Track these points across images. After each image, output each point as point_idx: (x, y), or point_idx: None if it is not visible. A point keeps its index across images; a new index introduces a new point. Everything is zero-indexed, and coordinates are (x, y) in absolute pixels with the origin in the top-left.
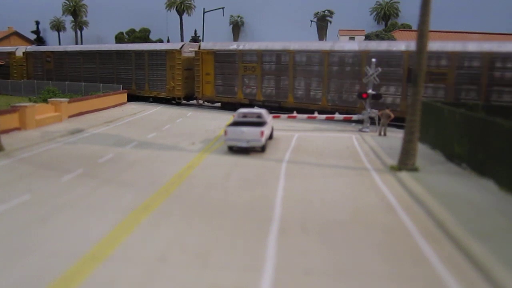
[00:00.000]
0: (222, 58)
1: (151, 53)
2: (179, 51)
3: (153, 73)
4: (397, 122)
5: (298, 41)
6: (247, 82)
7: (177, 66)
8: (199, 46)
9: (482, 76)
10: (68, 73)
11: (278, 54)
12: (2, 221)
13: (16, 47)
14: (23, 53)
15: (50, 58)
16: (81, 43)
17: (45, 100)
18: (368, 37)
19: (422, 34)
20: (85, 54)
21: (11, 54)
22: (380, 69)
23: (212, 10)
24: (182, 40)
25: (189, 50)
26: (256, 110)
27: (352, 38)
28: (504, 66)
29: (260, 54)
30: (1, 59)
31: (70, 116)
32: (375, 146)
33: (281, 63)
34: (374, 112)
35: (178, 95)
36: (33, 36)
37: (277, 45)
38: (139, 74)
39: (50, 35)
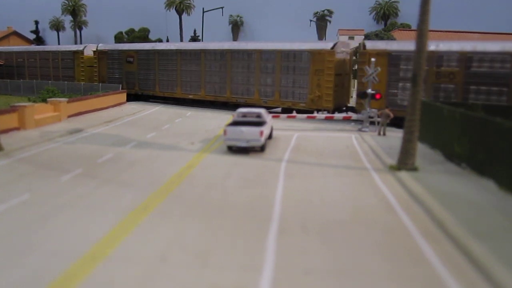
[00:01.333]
0: (398, 61)
1: (286, 53)
2: (331, 52)
3: (288, 78)
4: None
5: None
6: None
7: (326, 70)
8: (363, 45)
9: None
10: (158, 76)
11: None
12: (2, 221)
13: (85, 45)
14: (95, 51)
15: (132, 58)
16: (81, 43)
17: (44, 100)
18: (367, 37)
19: (421, 34)
20: (187, 53)
21: (77, 53)
22: (379, 69)
23: (211, 10)
24: (181, 40)
25: (342, 50)
26: (255, 109)
27: (351, 38)
28: None
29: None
30: (68, 58)
31: (69, 116)
32: (375, 146)
33: None
34: (374, 112)
35: (326, 107)
36: (32, 36)
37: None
38: (264, 78)
39: (50, 35)
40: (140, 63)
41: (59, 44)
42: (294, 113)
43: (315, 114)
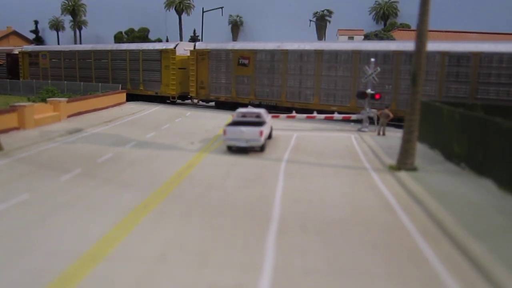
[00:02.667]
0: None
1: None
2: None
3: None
4: None
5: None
6: None
7: None
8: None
9: None
10: (286, 82)
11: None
12: (2, 221)
13: (176, 42)
14: (192, 51)
15: (247, 59)
16: (80, 43)
17: (44, 100)
18: (367, 37)
19: (421, 34)
20: (332, 54)
21: (166, 52)
22: (379, 69)
23: (211, 10)
24: (181, 40)
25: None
26: (255, 109)
27: (351, 38)
28: None
29: None
30: (152, 59)
31: (69, 116)
32: (374, 146)
33: None
34: (373, 112)
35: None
36: (32, 36)
37: None
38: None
39: (49, 35)
40: (259, 66)
41: (58, 44)
42: (294, 113)
43: (315, 114)
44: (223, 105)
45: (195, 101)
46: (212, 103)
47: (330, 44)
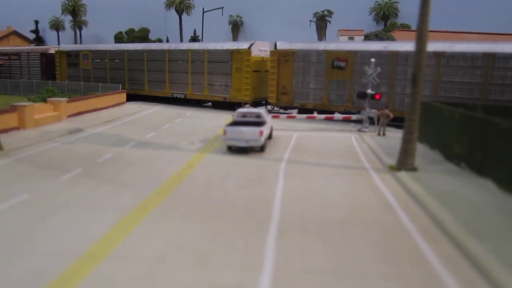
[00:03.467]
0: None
1: None
2: None
3: None
4: None
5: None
6: None
7: None
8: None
9: None
10: (395, 89)
11: None
12: (2, 221)
13: (251, 41)
14: (273, 52)
15: (344, 62)
16: (80, 43)
17: (44, 100)
18: (367, 37)
19: (421, 34)
20: (458, 58)
21: (239, 53)
22: (379, 69)
23: (211, 10)
24: (181, 41)
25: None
26: (255, 109)
27: (351, 38)
28: None
29: None
30: (221, 60)
31: (69, 116)
32: (374, 146)
33: None
34: (374, 112)
35: None
36: (32, 36)
37: None
38: None
39: (49, 35)
40: (360, 70)
41: (59, 44)
42: (294, 113)
43: (315, 114)
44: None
45: (272, 107)
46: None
47: (452, 44)
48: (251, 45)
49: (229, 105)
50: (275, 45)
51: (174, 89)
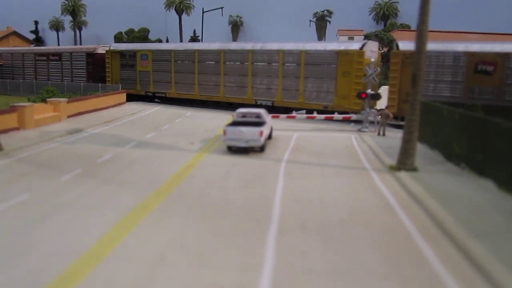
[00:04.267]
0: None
1: None
2: None
3: None
4: None
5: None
6: None
7: None
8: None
9: None
10: None
11: None
12: (1, 221)
13: (362, 41)
14: (395, 53)
15: (492, 66)
16: (80, 43)
17: (44, 100)
18: (367, 37)
19: (421, 34)
20: None
21: (346, 54)
22: (379, 69)
23: (211, 10)
24: (181, 41)
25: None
26: (255, 110)
27: (351, 38)
28: None
29: None
30: (321, 62)
31: (69, 116)
32: (374, 146)
33: None
34: (373, 112)
35: None
36: (32, 36)
37: None
38: None
39: (49, 35)
40: None
41: (58, 44)
42: (294, 113)
43: (315, 114)
44: None
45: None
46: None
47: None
48: (363, 45)
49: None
50: (397, 46)
51: (258, 96)
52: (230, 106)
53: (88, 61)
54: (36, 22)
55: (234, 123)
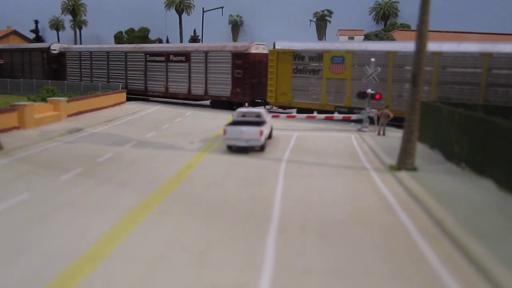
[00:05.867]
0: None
1: None
2: None
3: None
4: None
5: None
6: None
7: None
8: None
9: None
10: None
11: None
12: (1, 220)
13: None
14: None
15: None
16: (80, 43)
17: (44, 99)
18: (367, 37)
19: (421, 34)
20: None
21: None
22: (379, 69)
23: (211, 10)
24: (181, 41)
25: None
26: (255, 109)
27: (351, 38)
28: None
29: None
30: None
31: (69, 115)
32: (374, 146)
33: None
34: (373, 112)
35: None
36: (32, 35)
37: None
38: None
39: (49, 34)
40: None
41: (58, 41)
42: (294, 113)
43: (315, 114)
44: None
45: None
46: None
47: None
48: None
49: None
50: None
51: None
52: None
53: (235, 64)
54: (36, 22)
55: (234, 123)
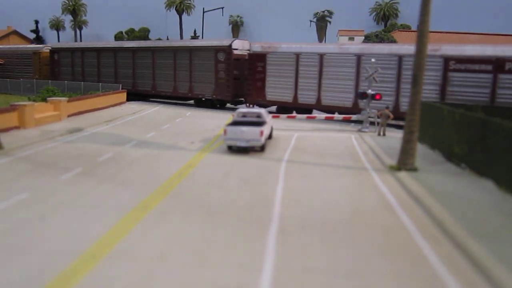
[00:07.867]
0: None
1: None
2: None
3: None
4: None
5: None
6: None
7: None
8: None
9: None
10: None
11: None
12: (1, 219)
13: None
14: None
15: None
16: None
17: (44, 99)
18: (367, 38)
19: (422, 35)
20: None
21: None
22: (379, 69)
23: (211, 10)
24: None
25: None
26: (255, 109)
27: (351, 39)
28: None
29: None
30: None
31: (69, 115)
32: (375, 146)
33: None
34: (374, 112)
35: None
36: (32, 35)
37: None
38: None
39: (49, 34)
40: None
41: (58, 40)
42: (294, 113)
43: (315, 114)
44: None
45: None
46: None
47: None
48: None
49: None
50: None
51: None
52: None
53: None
54: (36, 22)
55: (235, 123)
